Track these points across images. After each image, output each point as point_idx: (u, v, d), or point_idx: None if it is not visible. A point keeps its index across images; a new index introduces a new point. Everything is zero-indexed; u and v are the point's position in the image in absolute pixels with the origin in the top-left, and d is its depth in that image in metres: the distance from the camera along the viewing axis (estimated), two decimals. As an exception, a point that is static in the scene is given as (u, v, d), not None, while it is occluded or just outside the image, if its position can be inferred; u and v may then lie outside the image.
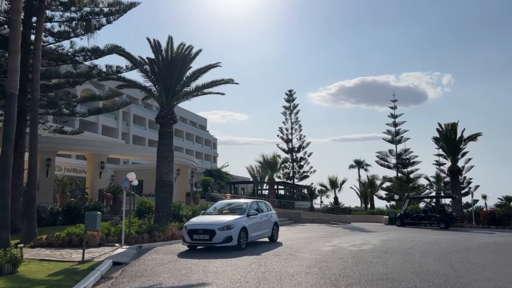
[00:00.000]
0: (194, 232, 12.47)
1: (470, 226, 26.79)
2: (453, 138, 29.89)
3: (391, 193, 45.29)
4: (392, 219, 29.88)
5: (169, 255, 11.60)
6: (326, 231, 21.71)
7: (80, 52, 20.13)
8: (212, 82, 18.15)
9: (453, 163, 30.20)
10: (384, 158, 50.13)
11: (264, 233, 14.54)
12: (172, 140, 18.08)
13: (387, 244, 14.45)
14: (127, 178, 14.07)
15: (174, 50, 17.84)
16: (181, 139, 69.76)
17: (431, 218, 26.53)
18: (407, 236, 18.18)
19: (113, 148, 27.94)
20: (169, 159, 17.69)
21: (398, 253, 11.71)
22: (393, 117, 50.62)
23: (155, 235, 14.52)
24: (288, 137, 49.29)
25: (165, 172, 17.52)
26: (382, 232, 21.40)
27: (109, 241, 13.94)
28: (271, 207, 15.98)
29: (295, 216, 30.69)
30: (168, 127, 17.86)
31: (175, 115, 18.13)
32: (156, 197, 17.57)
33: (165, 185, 17.41)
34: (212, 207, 15.05)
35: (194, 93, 18.61)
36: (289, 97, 50.12)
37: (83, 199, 25.48)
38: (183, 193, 32.48)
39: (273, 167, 38.58)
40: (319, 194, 53.56)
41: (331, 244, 14.31)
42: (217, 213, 14.15)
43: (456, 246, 14.14)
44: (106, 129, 51.73)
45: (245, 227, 12.94)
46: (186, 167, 33.91)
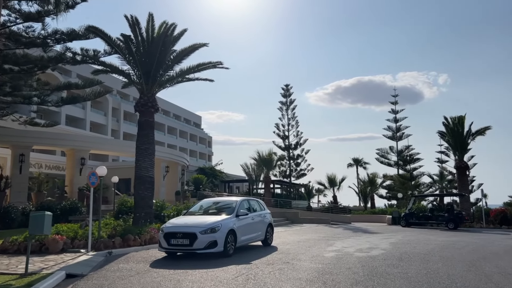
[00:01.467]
0: (172, 235, 10.44)
1: (480, 226, 24.92)
2: (460, 132, 27.98)
3: (392, 191, 43.38)
4: (396, 219, 27.99)
5: (140, 264, 9.58)
6: (326, 232, 19.74)
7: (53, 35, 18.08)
8: (198, 65, 16.10)
9: (460, 159, 28.30)
10: (384, 156, 48.30)
11: (256, 236, 12.53)
12: (153, 131, 16.04)
13: (399, 248, 12.48)
14: (95, 173, 12.03)
15: (155, 30, 15.81)
16: (175, 137, 67.65)
17: (438, 218, 24.61)
18: (417, 239, 16.23)
19: (95, 143, 25.87)
20: (149, 152, 15.63)
21: (416, 261, 9.73)
22: (393, 113, 48.83)
23: (129, 239, 12.48)
24: (285, 133, 47.40)
25: (144, 167, 15.47)
26: (387, 233, 19.45)
27: (75, 246, 11.92)
28: (264, 206, 13.97)
29: (292, 216, 28.72)
30: (149, 116, 15.82)
31: (157, 103, 16.07)
32: (135, 196, 15.53)
33: (145, 181, 15.36)
34: (197, 206, 13.03)
35: (178, 79, 16.55)
36: (286, 92, 48.22)
37: (62, 198, 23.40)
38: (173, 191, 30.44)
39: (269, 164, 36.54)
40: (317, 193, 51.68)
41: (334, 249, 12.32)
42: (202, 213, 12.14)
43: (480, 250, 12.18)
44: (95, 126, 49.54)
45: (233, 230, 10.93)
46: (176, 164, 31.87)
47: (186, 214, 12.19)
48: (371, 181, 40.52)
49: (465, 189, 27.47)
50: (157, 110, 16.03)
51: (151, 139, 15.86)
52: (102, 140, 28.78)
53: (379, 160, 48.41)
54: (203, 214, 11.97)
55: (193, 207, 13.01)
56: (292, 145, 47.11)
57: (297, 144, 47.13)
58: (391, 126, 48.66)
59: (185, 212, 12.50)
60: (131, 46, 15.02)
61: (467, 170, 27.79)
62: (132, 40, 15.04)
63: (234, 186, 54.77)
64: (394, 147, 47.98)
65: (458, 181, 28.43)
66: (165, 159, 29.98)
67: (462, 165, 27.84)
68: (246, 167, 42.30)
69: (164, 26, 15.61)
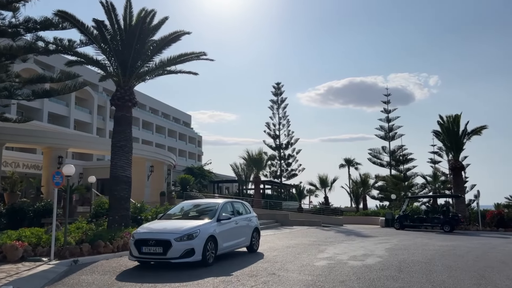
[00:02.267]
0: (143, 243, 9.23)
1: (477, 229, 24.04)
2: (456, 131, 27.11)
3: (385, 192, 42.49)
4: (389, 221, 27.05)
5: (105, 276, 8.38)
6: (318, 236, 18.65)
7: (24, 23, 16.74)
8: (180, 56, 14.88)
9: (455, 159, 27.44)
10: (376, 156, 47.46)
11: (241, 242, 11.37)
12: (130, 126, 14.81)
13: (396, 255, 11.40)
14: (60, 172, 10.76)
15: (133, 17, 14.59)
16: (163, 136, 66.19)
17: (433, 220, 23.67)
18: (414, 243, 15.20)
19: (74, 141, 24.46)
20: (126, 150, 14.42)
21: (417, 272, 8.65)
22: (386, 112, 48.03)
23: (99, 245, 11.24)
24: (276, 133, 46.31)
25: (121, 166, 14.25)
26: (382, 237, 18.42)
27: (37, 254, 10.66)
28: (250, 209, 12.81)
29: (282, 218, 27.60)
30: (126, 111, 14.58)
31: (134, 96, 14.84)
32: (110, 197, 14.29)
33: (121, 181, 14.13)
34: (176, 208, 11.82)
35: (159, 71, 15.33)
36: (277, 90, 47.14)
37: (37, 199, 21.95)
38: (158, 192, 29.10)
39: (259, 164, 35.40)
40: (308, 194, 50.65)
41: (326, 256, 11.21)
42: (181, 217, 10.95)
43: (484, 258, 11.16)
44: (79, 124, 47.93)
45: (214, 236, 9.76)
46: (162, 163, 30.56)
47: (163, 218, 10.99)
48: (364, 182, 39.57)
49: (461, 190, 26.62)
50: (134, 105, 14.80)
51: (129, 135, 14.64)
52: (81, 137, 27.32)
53: (372, 160, 47.57)
54: (182, 218, 10.79)
55: (171, 210, 11.79)
56: (283, 145, 46.04)
57: (288, 144, 46.09)
58: (384, 126, 47.87)
59: (162, 215, 11.28)
60: (105, 34, 13.76)
61: (463, 170, 26.89)
62: (106, 27, 13.78)
63: (224, 187, 53.54)
64: (387, 147, 47.20)
65: (453, 182, 27.57)
66: (149, 158, 28.69)
67: (457, 166, 26.98)
68: (236, 167, 41.22)
69: (143, 13, 14.39)
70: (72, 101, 46.28)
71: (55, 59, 36.41)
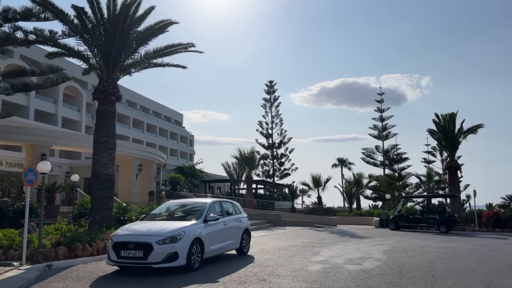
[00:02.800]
0: (122, 246, 8.45)
1: (473, 230, 23.52)
2: (451, 130, 26.57)
3: (378, 192, 41.98)
4: (384, 221, 26.44)
5: (79, 283, 7.60)
6: (311, 237, 17.96)
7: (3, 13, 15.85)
8: (166, 47, 14.10)
9: (451, 158, 26.90)
10: (370, 155, 46.95)
11: (230, 244, 10.62)
12: (114, 122, 14.02)
13: (395, 258, 10.73)
14: (33, 169, 9.93)
15: (117, 6, 13.78)
16: (154, 135, 65.16)
17: (429, 220, 23.10)
18: (412, 245, 14.57)
19: (58, 138, 23.50)
20: (109, 146, 13.59)
21: (420, 277, 7.97)
22: (379, 111, 47.54)
23: (77, 248, 10.43)
24: (268, 131, 45.50)
25: (103, 164, 13.42)
26: (377, 238, 17.78)
27: (8, 258, 9.86)
28: (240, 209, 12.06)
29: (275, 218, 26.88)
30: (109, 105, 13.77)
31: (118, 90, 14.04)
32: (91, 196, 13.47)
33: (103, 180, 13.32)
34: (160, 208, 11.04)
35: (144, 63, 14.54)
36: (270, 88, 46.33)
37: (18, 198, 21.04)
38: (147, 192, 28.25)
39: (251, 163, 34.65)
40: (301, 193, 49.94)
41: (321, 259, 10.50)
42: (166, 218, 10.19)
43: (488, 261, 10.53)
44: (67, 122, 46.79)
45: (200, 238, 9.01)
46: (151, 162, 29.68)
47: (146, 219, 10.21)
48: (357, 181, 39.00)
49: (456, 190, 26.08)
50: (118, 99, 14.00)
51: (112, 131, 13.83)
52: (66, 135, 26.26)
53: (365, 160, 47.06)
54: (167, 219, 10.02)
55: (155, 210, 11.00)
56: (276, 144, 45.25)
57: (281, 143, 45.32)
58: (377, 125, 47.37)
59: (145, 216, 10.50)
60: (86, 23, 12.93)
61: (458, 170, 26.39)
62: (87, 14, 12.97)
63: (216, 187, 52.75)
64: (380, 147, 46.71)
65: (449, 182, 27.05)
66: (138, 156, 27.82)
67: (453, 165, 26.45)
68: (228, 166, 40.41)
69: (128, 1, 13.57)
70: (60, 98, 45.13)
71: (42, 54, 35.35)
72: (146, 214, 10.72)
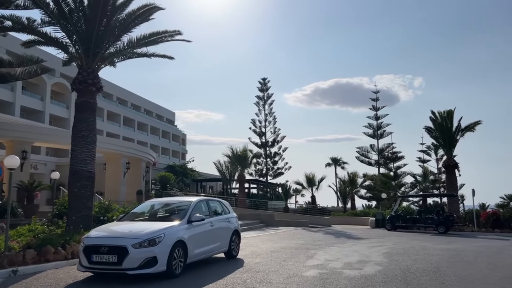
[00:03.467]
0: (94, 250, 7.50)
1: (472, 230, 22.80)
2: (449, 127, 25.86)
3: (373, 191, 41.29)
4: (379, 221, 25.67)
5: (42, 292, 6.63)
6: (305, 238, 17.08)
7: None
8: (151, 35, 13.14)
9: (448, 157, 26.20)
10: (364, 154, 46.27)
11: (217, 247, 9.70)
12: (94, 115, 13.04)
13: (397, 262, 9.88)
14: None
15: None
16: (145, 134, 63.98)
17: (427, 220, 22.33)
18: (412, 247, 13.74)
19: (40, 134, 22.41)
20: (88, 141, 12.61)
21: (428, 285, 7.12)
22: (374, 110, 46.83)
23: (48, 252, 9.43)
24: (261, 130, 44.67)
25: (82, 160, 12.43)
26: (375, 239, 16.95)
27: (-30, 263, 8.82)
28: (229, 209, 11.14)
29: (268, 218, 25.98)
30: (89, 97, 12.78)
31: (99, 80, 13.05)
32: (69, 195, 12.47)
33: (81, 177, 12.33)
34: (141, 208, 10.07)
35: (128, 52, 13.56)
36: (263, 86, 45.50)
37: (-3, 197, 19.91)
38: (135, 191, 27.24)
39: (243, 161, 33.71)
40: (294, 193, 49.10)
41: (316, 264, 9.62)
42: (146, 218, 9.25)
43: (497, 264, 9.73)
44: (55, 119, 45.47)
45: (183, 241, 8.09)
46: (139, 160, 28.65)
47: (124, 219, 9.25)
48: (352, 181, 38.25)
49: (454, 189, 25.36)
50: (99, 90, 13.00)
51: (92, 125, 12.86)
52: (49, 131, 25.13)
53: (360, 159, 46.36)
54: (147, 219, 9.09)
55: (135, 209, 10.04)
56: (269, 142, 44.42)
57: (274, 142, 44.49)
58: (372, 124, 46.68)
59: (123, 216, 9.54)
60: (63, 7, 11.93)
61: (456, 168, 25.67)
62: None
63: (208, 186, 51.79)
64: (375, 145, 46.04)
65: (446, 181, 26.36)
66: (126, 154, 26.78)
67: (450, 163, 25.73)
68: (220, 165, 39.46)
69: (109, -15, 12.59)
70: (48, 95, 43.85)
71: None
72: (124, 214, 9.76)
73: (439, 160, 46.14)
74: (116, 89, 60.73)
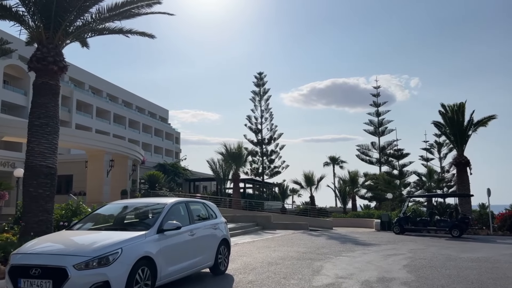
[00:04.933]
0: (22, 272, 5.39)
1: (487, 233, 20.81)
2: (461, 121, 23.86)
3: (375, 191, 39.29)
4: (385, 223, 23.66)
5: None
6: (307, 244, 15.00)
7: None
8: (124, 4, 10.99)
9: (459, 154, 24.19)
10: (365, 152, 44.34)
11: (199, 261, 7.58)
12: (56, 100, 10.93)
13: (426, 279, 7.82)
14: None
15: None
16: (137, 131, 61.72)
17: (440, 223, 20.34)
18: (434, 255, 11.70)
19: (11, 127, 20.27)
20: (48, 130, 10.49)
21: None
22: (375, 106, 44.83)
23: (-20, 269, 7.30)
24: (258, 127, 42.62)
25: (40, 153, 10.31)
26: (385, 245, 14.91)
27: None
28: (216, 212, 9.02)
29: (264, 220, 23.87)
30: (49, 77, 10.66)
31: (63, 59, 10.93)
32: (24, 195, 10.30)
33: (39, 174, 10.20)
34: (102, 211, 7.88)
35: (97, 25, 11.42)
36: (259, 81, 43.45)
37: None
38: (119, 191, 25.08)
39: (238, 159, 31.55)
40: (292, 193, 47.03)
41: (326, 283, 7.53)
42: (105, 226, 7.13)
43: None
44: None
45: (150, 257, 6.00)
46: (125, 157, 26.50)
47: (74, 227, 7.10)
48: (353, 180, 36.22)
49: (466, 188, 23.35)
50: (62, 69, 10.87)
51: (52, 111, 10.72)
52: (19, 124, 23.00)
53: (360, 157, 44.43)
54: (105, 228, 6.97)
55: (92, 214, 7.87)
56: (265, 140, 42.37)
57: (271, 139, 42.43)
58: (373, 120, 44.73)
59: (75, 223, 7.39)
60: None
61: (468, 166, 23.68)
62: None
63: (201, 186, 49.59)
64: (376, 143, 44.08)
65: (458, 179, 24.33)
66: (109, 151, 24.61)
67: (462, 161, 23.73)
68: (213, 163, 37.31)
69: None
70: (30, 90, 41.28)
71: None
72: (78, 220, 7.62)
73: (443, 158, 44.35)
74: (106, 85, 58.47)
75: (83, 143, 23.57)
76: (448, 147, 42.84)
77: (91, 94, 53.99)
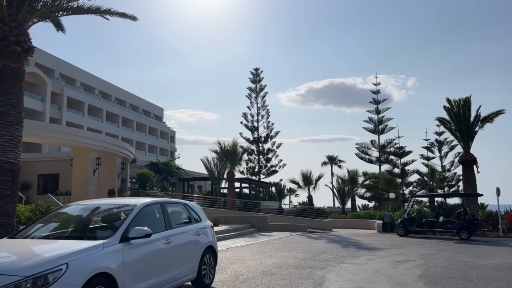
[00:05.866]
0: None
1: (497, 235, 19.59)
2: (467, 117, 22.61)
3: (375, 191, 38.05)
4: (388, 225, 22.43)
5: None
6: (306, 249, 13.70)
7: None
8: (98, -24, 9.68)
9: (466, 151, 22.96)
10: (364, 151, 43.06)
11: (177, 275, 6.25)
12: (20, 85, 9.55)
13: (452, 296, 6.54)
14: None
15: None
16: (131, 130, 60.24)
17: (447, 224, 19.10)
18: (448, 262, 10.43)
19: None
20: (9, 121, 9.13)
21: None
22: (375, 103, 43.58)
23: None
24: (254, 124, 41.23)
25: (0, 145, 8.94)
26: (391, 249, 13.64)
27: None
28: (200, 215, 7.69)
29: (259, 221, 22.56)
30: (11, 59, 9.31)
31: (29, 39, 9.59)
32: (-19, 195, 8.93)
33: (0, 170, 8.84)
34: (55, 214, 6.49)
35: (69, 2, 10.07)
36: (255, 77, 42.05)
37: None
38: (107, 190, 23.71)
39: (233, 158, 30.21)
40: (289, 193, 45.76)
41: (331, 301, 6.23)
42: (55, 233, 5.79)
43: None
44: (29, 112, 41.47)
45: (108, 274, 4.67)
46: (113, 155, 25.10)
47: (18, 235, 5.74)
48: (352, 179, 34.98)
49: (473, 187, 22.11)
50: (27, 51, 9.53)
51: (15, 99, 9.35)
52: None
53: (359, 155, 43.16)
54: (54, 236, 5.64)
55: (44, 217, 6.49)
56: (262, 138, 40.98)
57: (268, 137, 41.07)
58: (373, 118, 43.41)
59: (22, 228, 6.03)
60: None
61: (475, 164, 22.45)
62: None
63: (196, 185, 48.21)
64: (376, 141, 42.82)
65: (464, 178, 23.08)
66: (96, 148, 23.22)
67: (468, 158, 22.49)
68: (207, 161, 36.02)
69: None
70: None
71: None
72: (25, 226, 6.27)
73: (443, 157, 43.19)
74: (99, 82, 57.02)
75: (67, 140, 22.21)
76: (449, 145, 41.73)
77: (83, 91, 52.52)
